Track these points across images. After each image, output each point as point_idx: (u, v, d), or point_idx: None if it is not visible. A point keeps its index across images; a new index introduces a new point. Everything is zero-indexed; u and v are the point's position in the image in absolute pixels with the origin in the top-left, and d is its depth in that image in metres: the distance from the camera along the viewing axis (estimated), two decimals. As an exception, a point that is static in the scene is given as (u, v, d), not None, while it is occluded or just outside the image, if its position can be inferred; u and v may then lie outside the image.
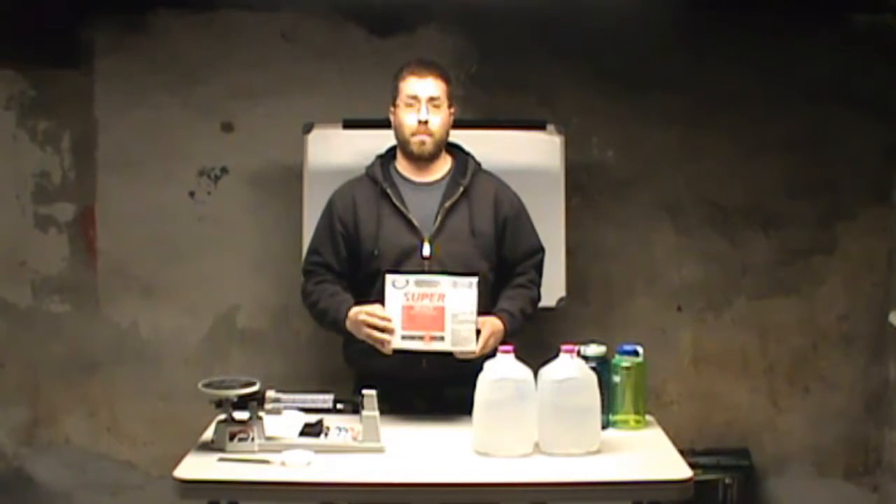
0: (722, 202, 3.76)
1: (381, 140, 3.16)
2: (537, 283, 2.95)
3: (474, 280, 2.60)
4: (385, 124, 3.18)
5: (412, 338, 2.57)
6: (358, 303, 2.77)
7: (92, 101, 3.69)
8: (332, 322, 2.81)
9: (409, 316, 2.58)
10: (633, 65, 3.69)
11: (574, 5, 3.58)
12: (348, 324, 2.74)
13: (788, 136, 3.73)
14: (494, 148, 3.13)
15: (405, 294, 2.58)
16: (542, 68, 3.70)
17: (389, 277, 2.61)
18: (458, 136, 3.20)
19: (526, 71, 3.70)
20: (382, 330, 2.64)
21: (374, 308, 2.68)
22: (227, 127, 3.71)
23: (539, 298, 2.96)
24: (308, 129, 3.48)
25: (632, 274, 3.77)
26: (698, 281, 3.77)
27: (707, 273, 3.77)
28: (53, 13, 3.60)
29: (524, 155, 3.44)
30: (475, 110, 3.66)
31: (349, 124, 3.48)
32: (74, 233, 3.72)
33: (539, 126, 3.51)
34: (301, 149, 3.48)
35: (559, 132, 3.50)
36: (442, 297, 2.57)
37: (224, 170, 3.71)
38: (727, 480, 3.59)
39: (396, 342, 2.57)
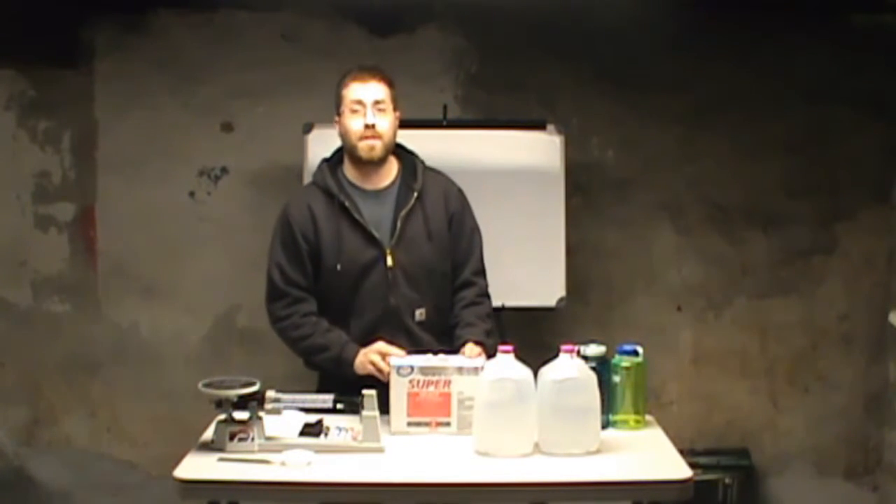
0: (722, 202, 3.76)
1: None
2: (486, 292, 2.92)
3: (481, 364, 2.55)
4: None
5: (418, 424, 2.54)
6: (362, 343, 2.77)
7: (92, 101, 3.70)
8: (334, 361, 2.78)
9: (415, 403, 2.53)
10: (633, 65, 3.69)
11: (574, 5, 3.58)
12: (357, 365, 2.74)
13: (788, 136, 3.73)
14: (494, 148, 3.13)
15: (410, 381, 2.54)
16: (542, 68, 3.70)
17: (394, 364, 2.56)
18: (458, 137, 3.21)
19: (526, 71, 3.70)
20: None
21: (386, 349, 2.69)
22: (227, 127, 3.71)
23: (491, 301, 2.94)
24: (308, 129, 3.48)
25: (632, 274, 3.77)
26: (698, 281, 3.78)
27: (707, 273, 3.78)
28: (53, 13, 3.61)
29: (524, 155, 3.44)
30: (475, 110, 3.66)
31: (349, 124, 3.48)
32: (74, 233, 3.73)
33: (539, 126, 3.50)
34: (301, 149, 3.48)
35: (559, 132, 3.50)
36: (448, 383, 2.52)
37: (224, 170, 3.72)
38: (727, 480, 3.59)
39: (401, 427, 2.56)
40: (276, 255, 2.85)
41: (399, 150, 2.91)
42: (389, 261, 2.79)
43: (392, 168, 2.88)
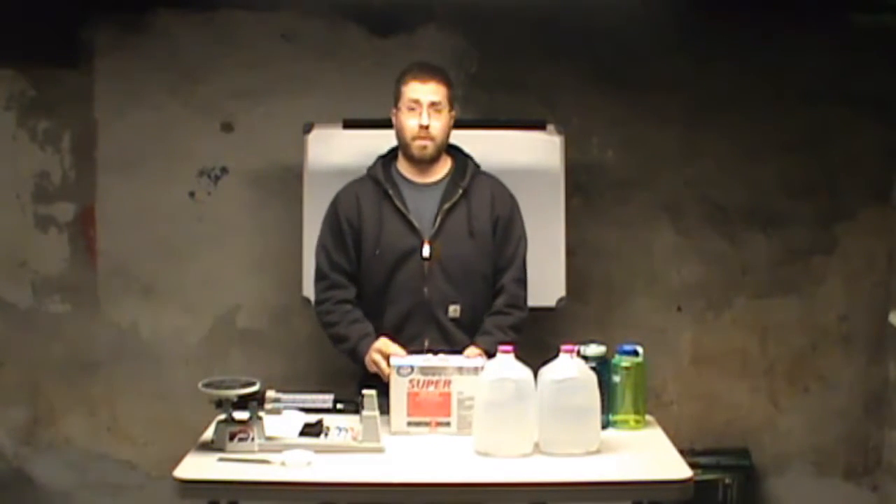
0: (722, 202, 3.76)
1: (381, 140, 3.16)
2: (518, 303, 2.95)
3: (480, 364, 2.57)
4: (385, 124, 3.19)
5: (418, 424, 2.55)
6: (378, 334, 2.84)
7: (92, 101, 3.69)
8: (351, 352, 2.85)
9: (415, 402, 2.55)
10: (634, 65, 3.69)
11: (574, 5, 3.58)
12: (367, 360, 2.81)
13: (788, 135, 3.73)
14: (494, 148, 3.13)
15: (410, 381, 2.55)
16: (542, 68, 3.70)
17: (394, 364, 2.58)
18: (458, 136, 3.20)
19: (526, 71, 3.70)
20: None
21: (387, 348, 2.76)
22: (227, 127, 3.71)
23: (524, 313, 2.97)
24: (308, 129, 3.48)
25: (632, 274, 3.77)
26: (698, 281, 3.77)
27: (707, 273, 3.77)
28: (53, 13, 3.60)
29: (524, 155, 3.43)
30: (475, 110, 3.65)
31: (349, 124, 3.48)
32: (74, 233, 3.72)
33: (539, 126, 3.50)
34: (301, 149, 3.48)
35: (559, 132, 3.50)
36: (448, 382, 2.54)
37: (224, 170, 3.71)
38: (727, 480, 3.60)
39: (401, 427, 2.56)
40: (323, 238, 2.96)
41: (455, 152, 2.98)
42: (426, 251, 2.83)
43: (444, 166, 2.96)
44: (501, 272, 2.94)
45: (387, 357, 2.70)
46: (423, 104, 2.84)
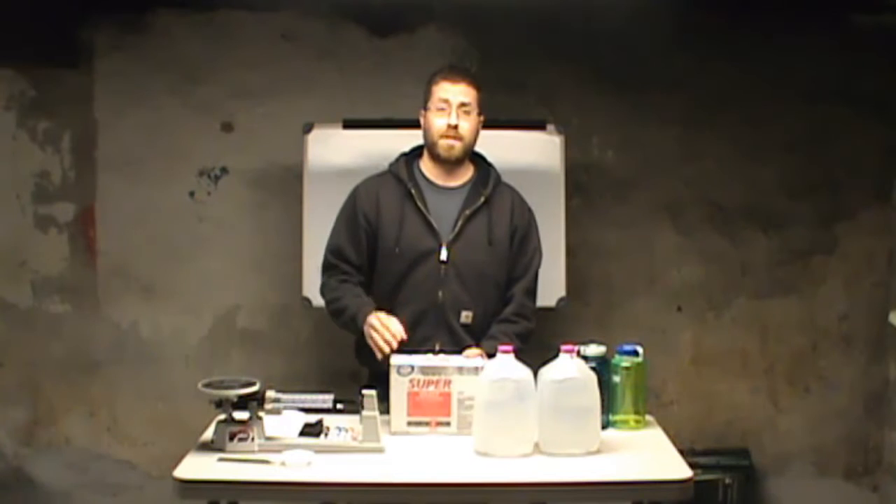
0: (722, 202, 3.76)
1: (381, 140, 3.16)
2: (526, 313, 2.94)
3: (480, 364, 2.56)
4: (384, 124, 3.19)
5: (418, 424, 2.54)
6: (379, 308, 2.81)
7: (92, 101, 3.69)
8: (351, 320, 2.83)
9: (415, 402, 2.54)
10: (633, 65, 3.69)
11: (574, 5, 3.58)
12: (364, 327, 2.78)
13: (788, 136, 3.73)
14: (494, 148, 3.12)
15: (410, 381, 2.54)
16: (542, 68, 3.70)
17: (394, 364, 2.57)
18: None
19: (526, 71, 3.70)
20: (387, 341, 2.69)
21: (390, 322, 2.72)
22: (227, 127, 3.71)
23: (531, 324, 2.95)
24: (308, 129, 3.48)
25: (632, 274, 3.77)
26: (698, 281, 3.78)
27: (707, 273, 3.78)
28: (53, 13, 3.61)
29: (524, 155, 3.43)
30: (475, 110, 3.66)
31: (349, 124, 3.48)
32: (74, 233, 3.72)
33: (539, 126, 3.51)
34: (301, 149, 3.48)
35: (559, 132, 3.50)
36: (448, 382, 2.53)
37: (224, 170, 3.71)
38: (727, 480, 3.60)
39: (401, 427, 2.55)
40: (335, 229, 2.94)
41: (478, 159, 2.99)
42: (444, 255, 2.84)
43: (468, 171, 2.96)
44: (513, 282, 2.93)
45: (387, 330, 2.70)
46: (453, 104, 2.84)
